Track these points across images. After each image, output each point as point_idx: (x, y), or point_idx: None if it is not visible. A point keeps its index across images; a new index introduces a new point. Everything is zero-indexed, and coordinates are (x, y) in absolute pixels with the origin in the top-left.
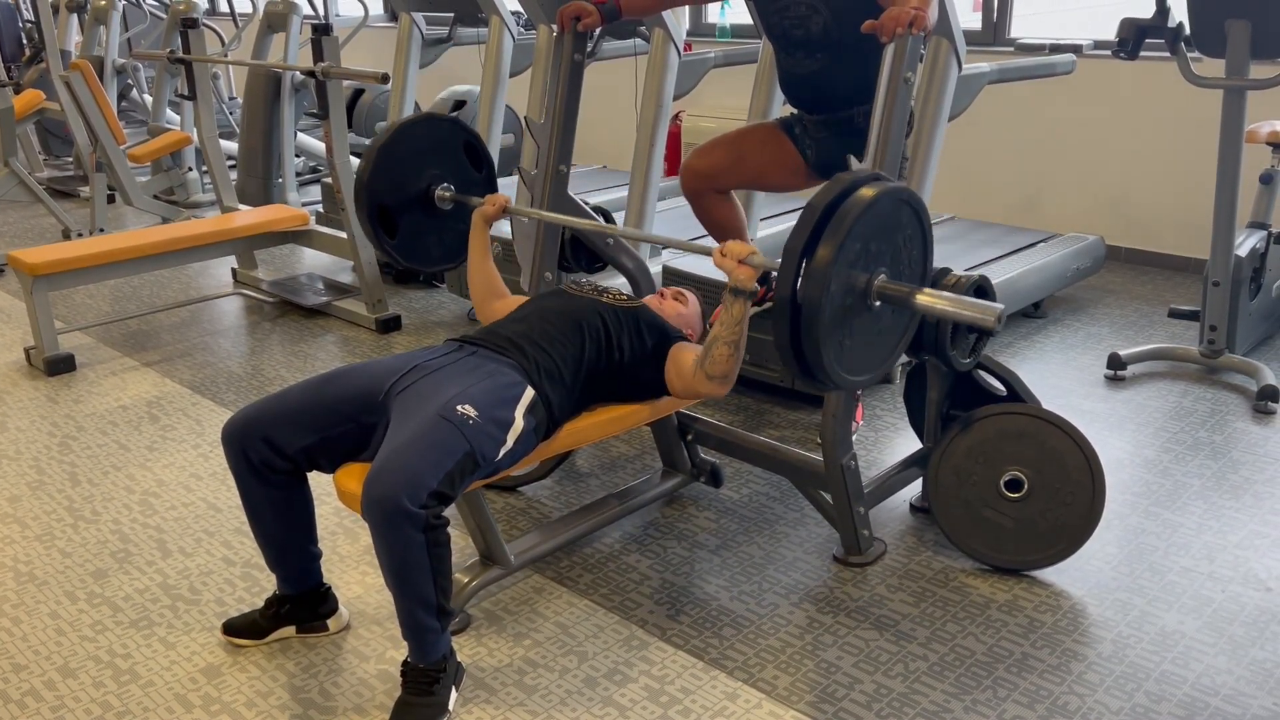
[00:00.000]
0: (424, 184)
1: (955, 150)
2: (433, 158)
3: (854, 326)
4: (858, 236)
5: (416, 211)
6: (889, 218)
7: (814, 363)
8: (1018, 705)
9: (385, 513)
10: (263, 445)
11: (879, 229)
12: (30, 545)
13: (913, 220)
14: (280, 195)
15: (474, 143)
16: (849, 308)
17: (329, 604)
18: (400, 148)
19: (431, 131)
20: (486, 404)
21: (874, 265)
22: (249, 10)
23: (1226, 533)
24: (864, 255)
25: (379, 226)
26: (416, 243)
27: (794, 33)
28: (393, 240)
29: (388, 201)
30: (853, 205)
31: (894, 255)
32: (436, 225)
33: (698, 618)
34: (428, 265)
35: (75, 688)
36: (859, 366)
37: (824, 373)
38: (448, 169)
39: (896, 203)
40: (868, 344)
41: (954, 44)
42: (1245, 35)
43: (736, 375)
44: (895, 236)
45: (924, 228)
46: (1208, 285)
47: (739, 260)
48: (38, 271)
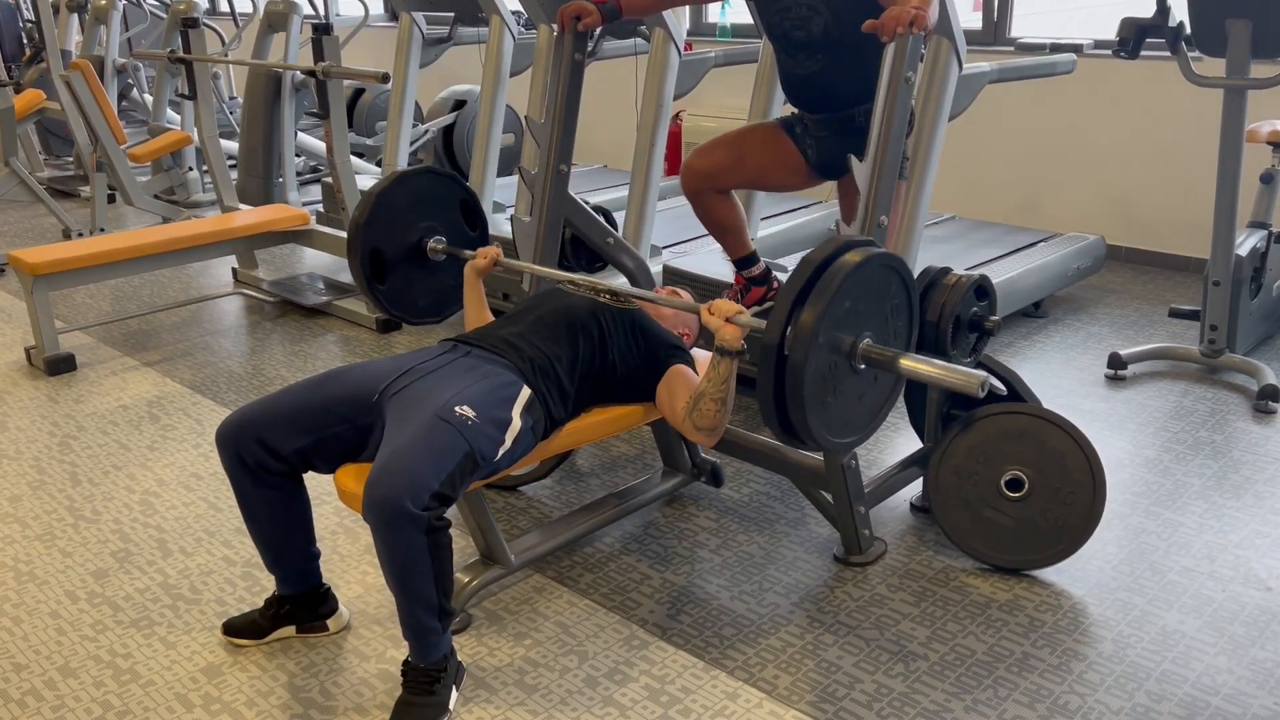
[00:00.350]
0: (418, 235)
1: (956, 150)
2: (429, 210)
3: (839, 389)
4: (845, 297)
5: (408, 261)
6: (876, 283)
7: (798, 423)
8: (1018, 705)
9: (387, 515)
10: (257, 447)
11: (866, 292)
12: (31, 545)
13: (899, 286)
14: (281, 195)
15: (471, 201)
16: (835, 369)
17: (329, 604)
18: (399, 196)
19: (431, 185)
20: (484, 404)
21: (860, 328)
22: (249, 10)
23: (1227, 532)
24: (851, 316)
25: (371, 272)
26: (405, 292)
27: (795, 33)
28: (381, 286)
29: (381, 247)
30: (840, 268)
31: (880, 320)
32: (425, 277)
33: (698, 617)
34: (413, 315)
35: (76, 687)
36: (843, 429)
37: (808, 433)
38: (442, 223)
39: (884, 269)
40: (852, 406)
41: (954, 43)
42: (1246, 34)
43: (723, 430)
44: (882, 302)
45: (909, 293)
46: (1208, 285)
47: (726, 319)
48: (38, 271)
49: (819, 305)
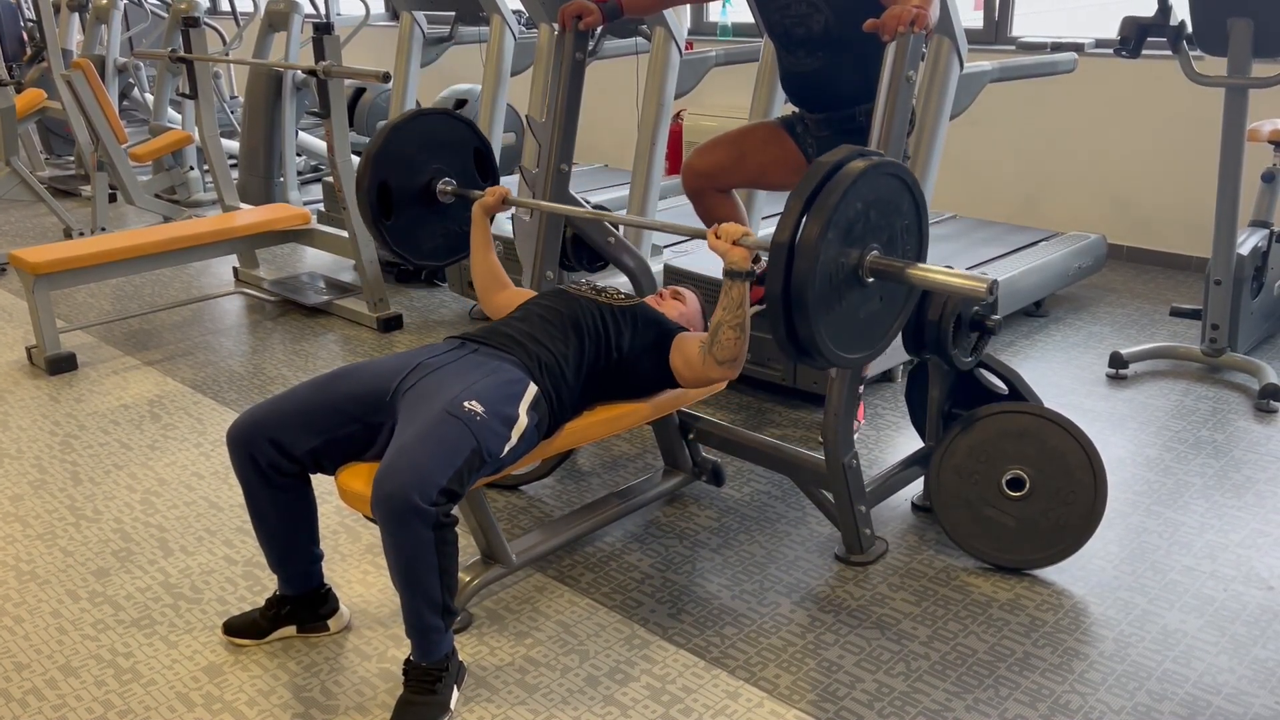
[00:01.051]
0: (428, 175)
1: (957, 149)
2: (442, 153)
3: (845, 299)
4: (850, 205)
5: (416, 201)
6: (885, 192)
7: (805, 337)
8: (1019, 704)
9: (395, 510)
10: (270, 448)
11: (872, 203)
12: (32, 544)
13: (907, 198)
14: (281, 194)
15: (485, 151)
16: (842, 281)
17: (330, 604)
18: (413, 132)
19: (446, 127)
20: (492, 400)
21: (867, 240)
22: (250, 9)
23: (1228, 531)
24: (857, 227)
25: (377, 206)
26: (411, 232)
27: (795, 31)
28: (388, 222)
29: (390, 182)
30: (845, 176)
31: (889, 233)
32: (433, 219)
33: (699, 616)
34: (417, 257)
35: (77, 686)
36: (853, 344)
37: (816, 348)
38: (454, 167)
39: (891, 179)
40: (862, 321)
41: (955, 43)
42: (1247, 33)
43: (745, 357)
44: (892, 215)
45: (918, 205)
46: (1209, 284)
47: (733, 242)
48: (39, 271)
49: (827, 206)
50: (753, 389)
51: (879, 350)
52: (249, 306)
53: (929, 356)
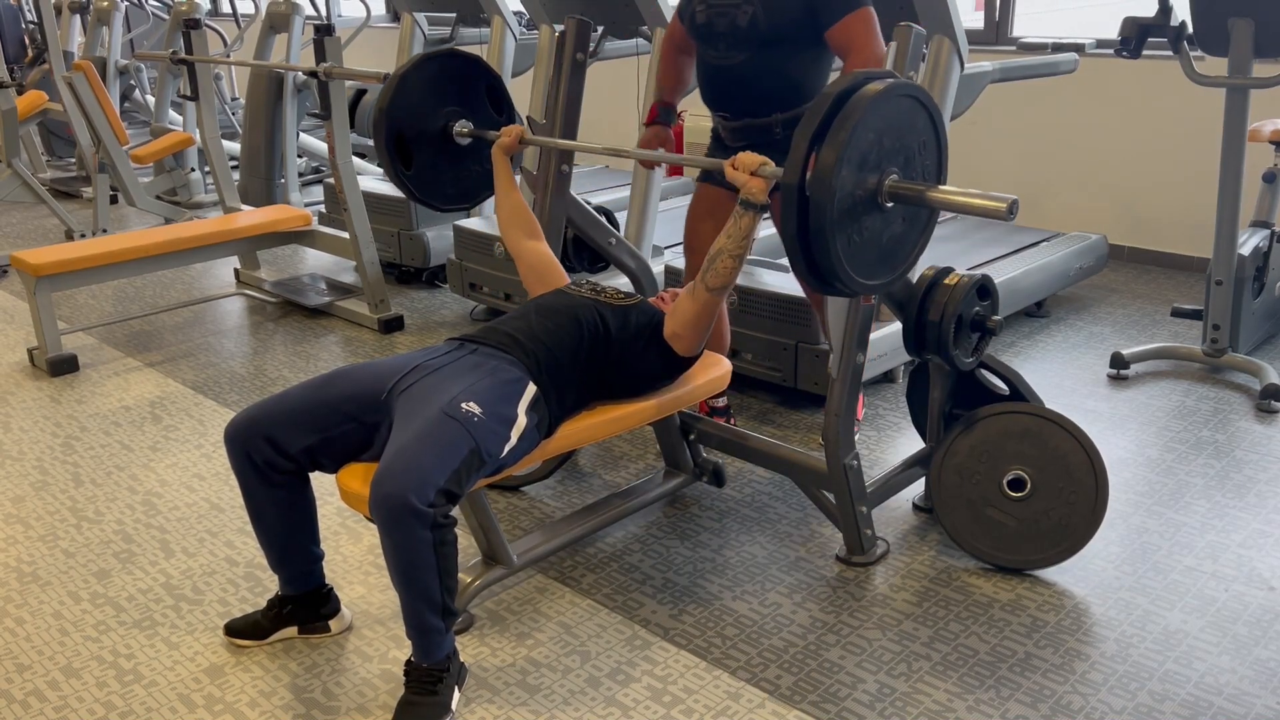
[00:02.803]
0: (442, 119)
1: (957, 150)
2: (454, 94)
3: (865, 226)
4: (869, 128)
5: (434, 146)
6: (902, 116)
7: (821, 258)
8: (1021, 705)
9: (393, 511)
10: (265, 445)
11: (891, 125)
12: (34, 545)
13: (927, 124)
14: (283, 196)
15: (496, 85)
16: (859, 206)
17: (331, 604)
18: (422, 78)
19: (454, 67)
20: (490, 400)
21: (886, 164)
22: (251, 11)
23: (1230, 532)
24: (875, 149)
25: (396, 156)
26: (433, 179)
27: (718, 23)
28: (409, 172)
29: (406, 130)
30: (865, 95)
31: (906, 156)
32: (452, 163)
33: (700, 617)
34: (442, 202)
35: (79, 688)
36: (870, 270)
37: (832, 270)
38: (468, 107)
39: (910, 100)
40: (881, 246)
41: (956, 43)
42: (1248, 33)
43: (732, 287)
44: (908, 137)
45: (938, 130)
46: (1210, 284)
47: (750, 172)
48: (41, 272)
49: (838, 140)
50: (753, 390)
51: (905, 271)
52: (250, 308)
53: (930, 357)
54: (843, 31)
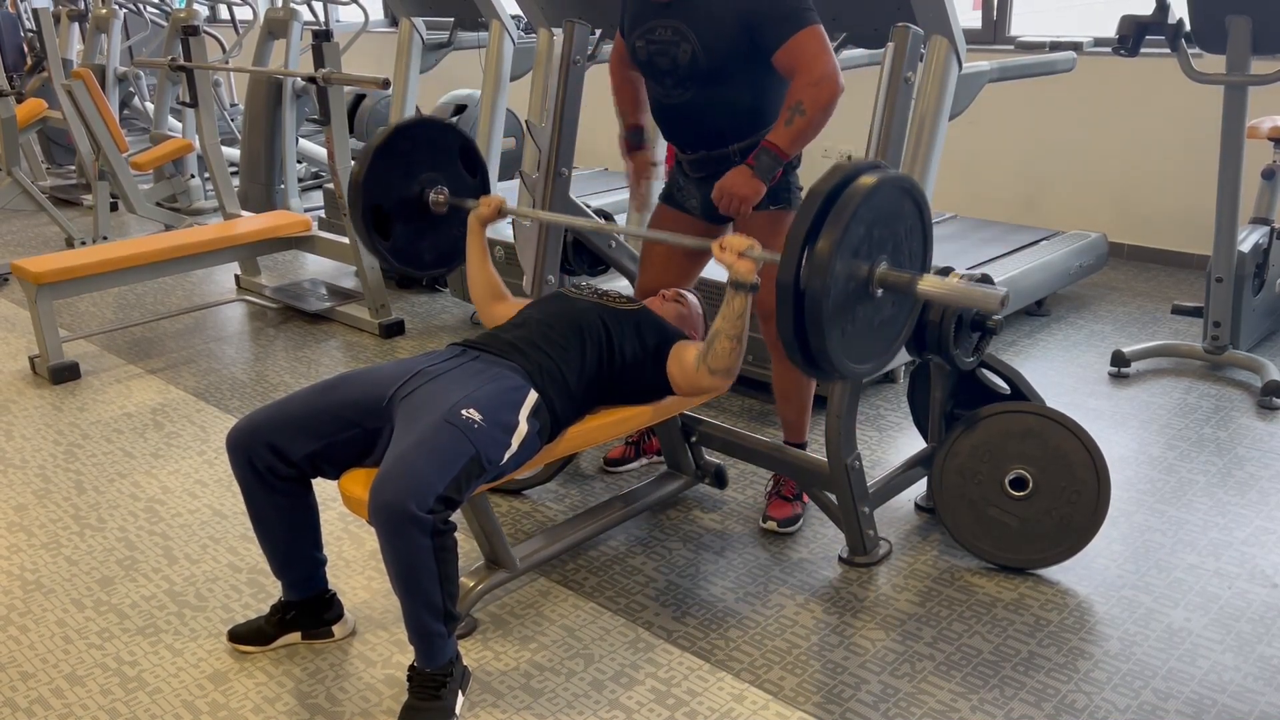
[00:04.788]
0: (418, 187)
1: (956, 149)
2: (427, 161)
3: (857, 314)
4: (860, 222)
5: (410, 215)
6: (890, 206)
7: (818, 351)
8: (1025, 704)
9: (392, 518)
10: (267, 451)
11: (880, 216)
12: (37, 553)
13: (913, 210)
14: (282, 201)
15: (469, 148)
16: (852, 295)
17: (334, 610)
18: (395, 149)
19: (427, 135)
20: (491, 407)
21: (875, 253)
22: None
23: (1232, 529)
24: (866, 242)
25: (373, 228)
26: (410, 246)
27: (659, 60)
28: (386, 242)
29: (382, 203)
30: (855, 192)
31: (895, 244)
32: (430, 229)
33: (704, 619)
34: (421, 269)
35: (83, 695)
36: (862, 355)
37: (828, 361)
38: (442, 173)
39: (898, 191)
40: (871, 333)
41: (954, 43)
42: (1246, 31)
43: (739, 369)
44: (896, 225)
45: (924, 217)
46: (1211, 281)
47: (739, 254)
48: (42, 280)
49: (832, 235)
50: (755, 391)
51: (893, 355)
52: (251, 314)
53: (931, 357)
54: (788, 53)
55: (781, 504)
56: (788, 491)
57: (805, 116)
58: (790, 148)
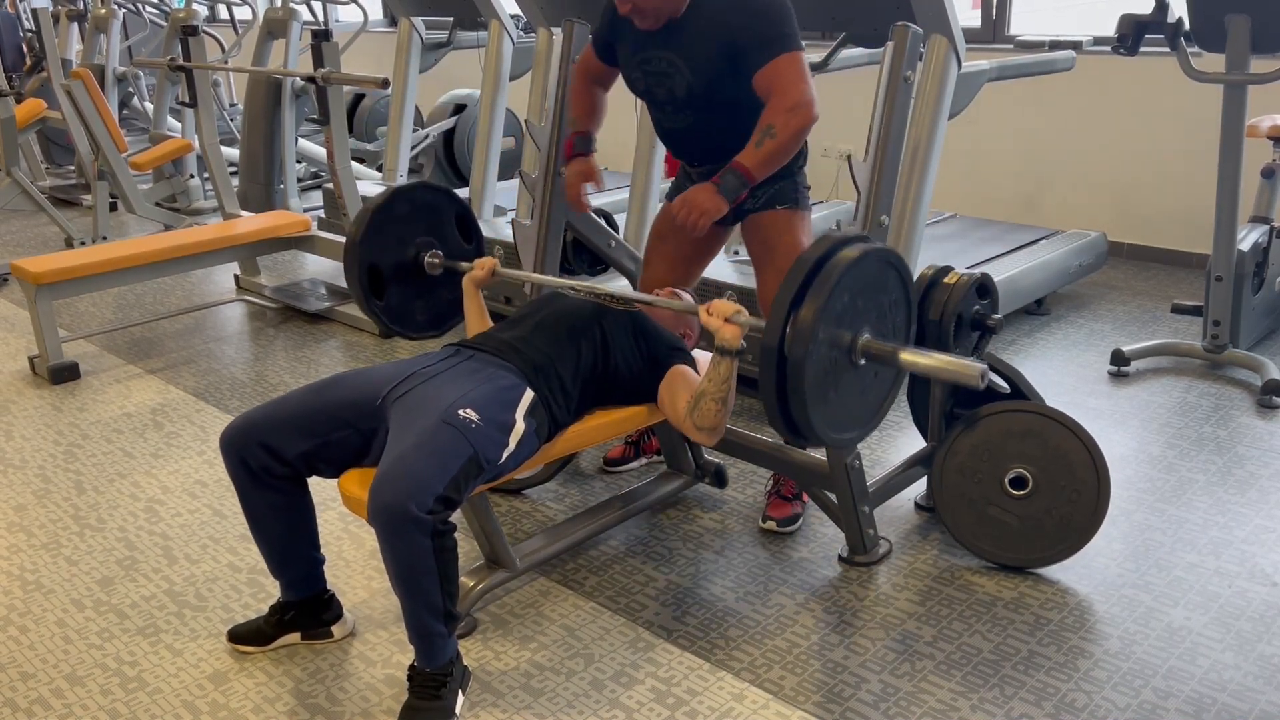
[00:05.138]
0: (414, 250)
1: (956, 148)
2: (424, 225)
3: (840, 384)
4: (843, 292)
5: (405, 276)
6: (873, 278)
7: (800, 420)
8: (1025, 703)
9: (392, 519)
10: (261, 451)
11: (864, 288)
12: (37, 554)
13: (896, 282)
14: (282, 201)
15: (465, 214)
16: (835, 363)
17: (333, 610)
18: (393, 212)
19: (425, 199)
20: (487, 407)
21: (859, 323)
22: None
23: (1232, 528)
24: (850, 311)
25: (368, 288)
26: (404, 307)
27: (657, 91)
28: (380, 303)
29: (377, 263)
30: (838, 263)
31: (878, 315)
32: (424, 292)
33: (704, 619)
34: (413, 331)
35: (83, 695)
36: (845, 424)
37: (810, 429)
38: (438, 237)
39: (881, 264)
40: (853, 402)
41: (953, 42)
42: (1245, 30)
43: (724, 430)
44: (879, 297)
45: (906, 287)
46: (1210, 280)
47: (725, 319)
48: (41, 280)
49: (817, 302)
50: (755, 391)
51: (875, 425)
52: (250, 314)
53: None
54: (766, 76)
55: (781, 504)
56: (787, 491)
57: (775, 140)
58: (758, 170)
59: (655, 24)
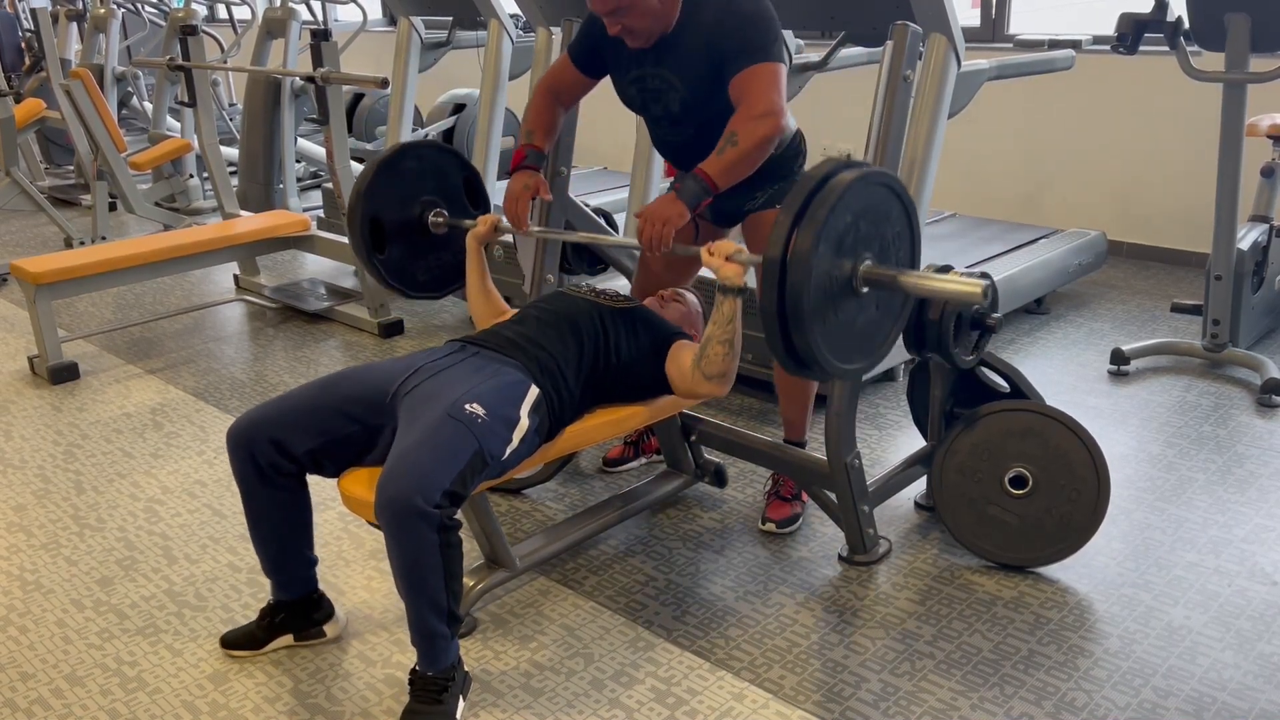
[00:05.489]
0: (419, 208)
1: (956, 148)
2: (431, 184)
3: (841, 309)
4: (842, 214)
5: (408, 234)
6: (874, 202)
7: (801, 347)
8: (1025, 702)
9: (399, 513)
10: (269, 448)
11: (863, 212)
12: (36, 554)
13: (898, 207)
14: (281, 201)
15: (473, 179)
16: (835, 288)
17: (324, 609)
18: (401, 167)
19: (434, 158)
20: (493, 402)
21: (860, 250)
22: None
23: (1232, 527)
24: (849, 237)
25: (369, 241)
26: (405, 265)
27: (653, 107)
28: (381, 257)
29: (381, 216)
30: (836, 186)
31: (881, 242)
32: (426, 252)
33: (704, 618)
34: (412, 290)
35: (83, 695)
36: (849, 354)
37: (812, 357)
38: (445, 198)
39: (882, 188)
40: (856, 331)
41: (953, 41)
42: (1245, 29)
43: (735, 374)
44: (881, 223)
45: (909, 214)
46: (1210, 279)
47: (726, 258)
48: (40, 280)
49: (818, 220)
50: (754, 389)
51: (879, 357)
52: (250, 313)
53: (930, 355)
54: (739, 83)
55: (780, 505)
56: (786, 492)
57: (737, 148)
58: (719, 177)
59: (646, 43)
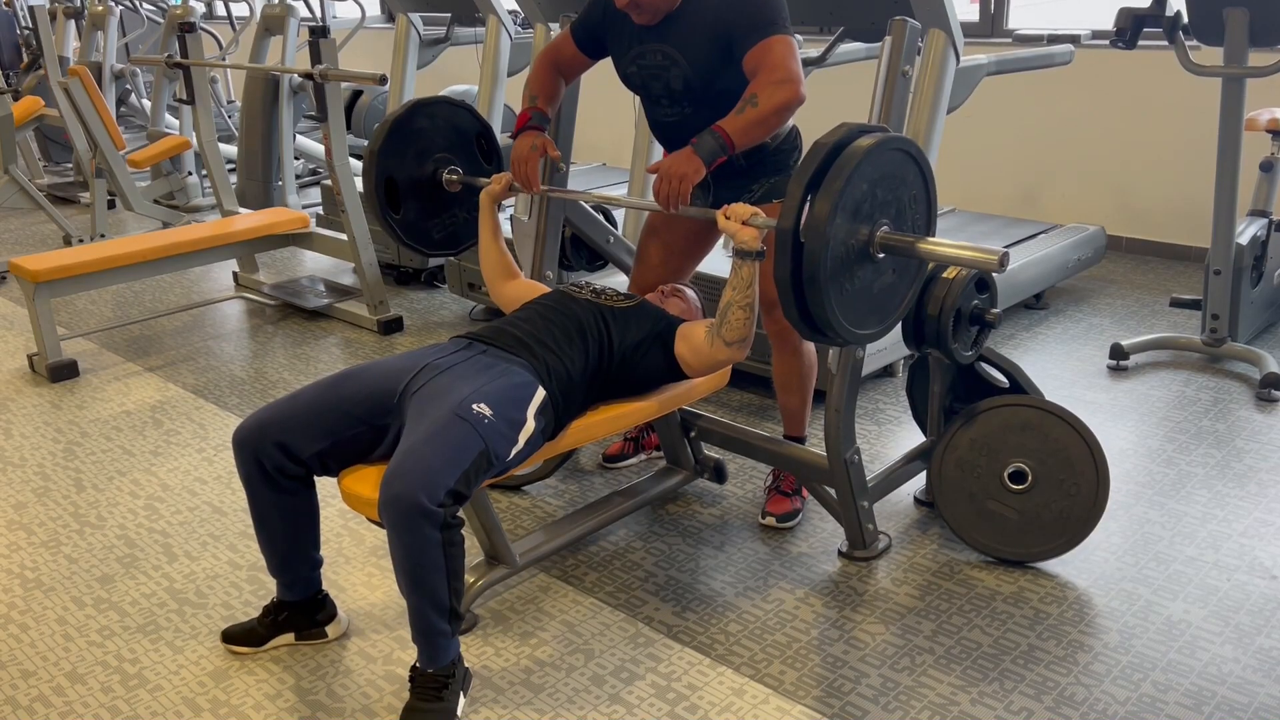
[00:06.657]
0: (433, 166)
1: (954, 143)
2: (444, 141)
3: (856, 276)
4: (860, 180)
5: (423, 192)
6: (892, 168)
7: (818, 314)
8: (1025, 697)
9: (403, 511)
10: (276, 450)
11: (882, 178)
12: (36, 551)
13: (916, 173)
14: (280, 198)
15: (486, 133)
16: (852, 255)
17: (327, 610)
18: (414, 126)
19: (447, 115)
20: (500, 403)
21: (877, 215)
22: (246, 14)
23: (1231, 521)
24: (867, 202)
25: (385, 200)
26: (420, 223)
27: (653, 85)
28: (397, 215)
29: (396, 175)
30: (859, 148)
31: (898, 208)
32: (441, 209)
33: (704, 614)
34: (429, 247)
35: (84, 693)
36: (863, 320)
37: (827, 323)
38: (458, 155)
39: (900, 154)
40: (872, 297)
41: (951, 36)
42: (1244, 23)
43: (753, 337)
44: (898, 188)
45: (927, 181)
46: (1209, 274)
47: (742, 221)
48: (39, 278)
49: (833, 189)
50: (754, 386)
51: (894, 321)
52: (249, 311)
53: (929, 351)
54: (755, 55)
55: (780, 499)
56: (786, 487)
57: (758, 109)
58: (738, 137)
59: (652, 19)
